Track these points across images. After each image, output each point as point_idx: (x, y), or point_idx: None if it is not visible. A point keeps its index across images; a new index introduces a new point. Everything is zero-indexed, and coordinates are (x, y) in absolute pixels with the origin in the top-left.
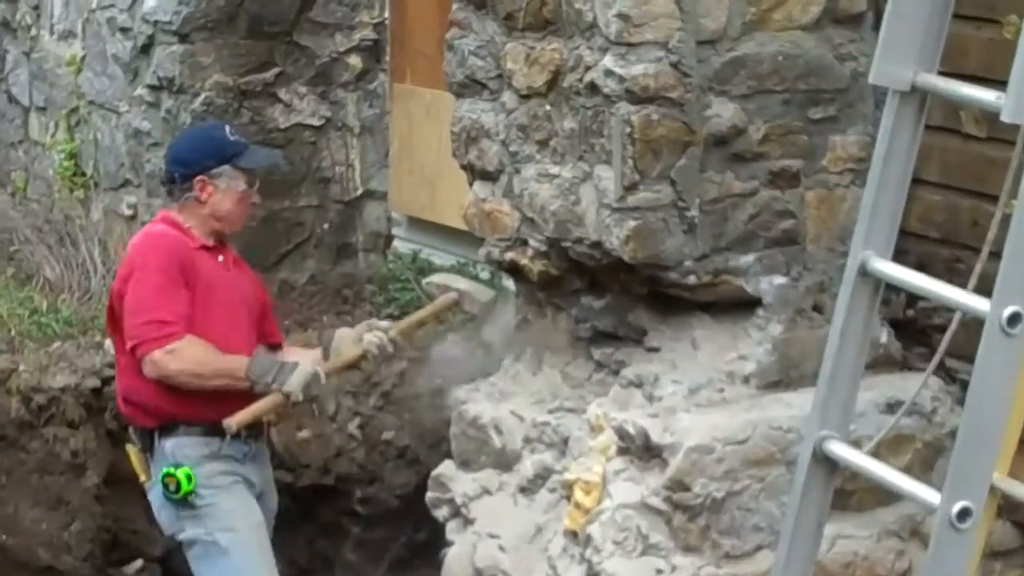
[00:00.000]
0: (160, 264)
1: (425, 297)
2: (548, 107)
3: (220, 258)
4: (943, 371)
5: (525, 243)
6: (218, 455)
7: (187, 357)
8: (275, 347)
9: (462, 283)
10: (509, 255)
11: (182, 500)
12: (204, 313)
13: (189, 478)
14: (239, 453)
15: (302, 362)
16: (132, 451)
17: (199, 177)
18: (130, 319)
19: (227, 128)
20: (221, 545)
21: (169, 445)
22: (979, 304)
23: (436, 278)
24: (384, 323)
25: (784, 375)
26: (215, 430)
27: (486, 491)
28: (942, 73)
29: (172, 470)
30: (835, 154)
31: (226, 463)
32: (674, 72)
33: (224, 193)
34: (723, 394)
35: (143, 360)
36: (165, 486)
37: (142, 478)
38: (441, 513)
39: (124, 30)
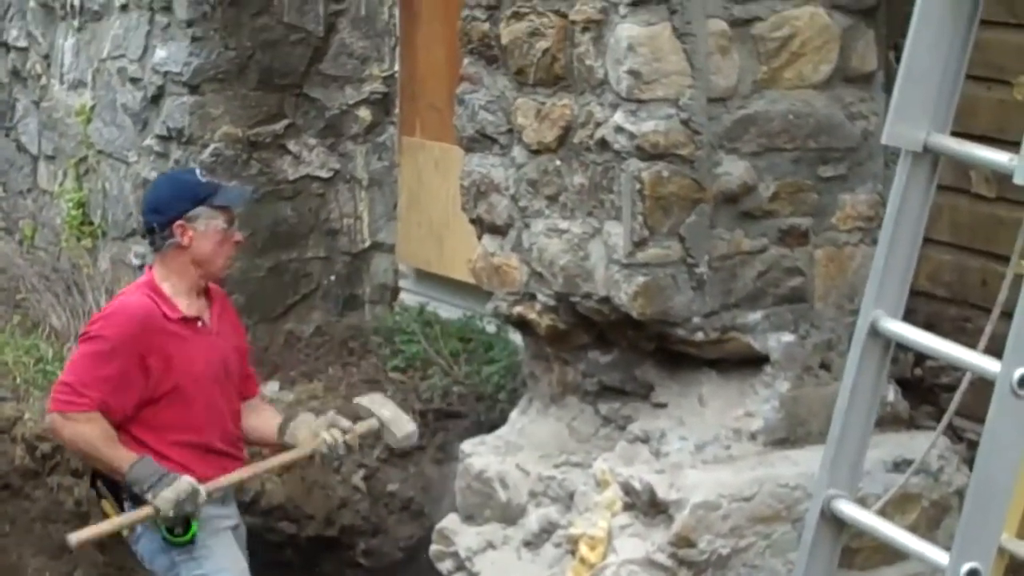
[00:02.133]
0: (113, 337)
1: (438, 343)
2: (558, 162)
3: (200, 323)
4: (950, 430)
5: (533, 297)
6: (209, 500)
7: (80, 432)
8: (248, 398)
9: (387, 412)
10: (517, 309)
11: (185, 544)
12: (181, 391)
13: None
14: (222, 500)
15: (184, 477)
16: (108, 506)
17: (177, 222)
18: (61, 374)
19: (197, 171)
20: None
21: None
22: (990, 365)
23: (365, 400)
24: (345, 423)
25: (791, 432)
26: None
27: (491, 545)
28: (954, 134)
29: None
30: (844, 212)
31: (217, 507)
32: (684, 129)
33: (204, 235)
34: (730, 451)
35: (47, 415)
36: (170, 531)
37: (124, 532)
38: (445, 566)
39: (134, 80)
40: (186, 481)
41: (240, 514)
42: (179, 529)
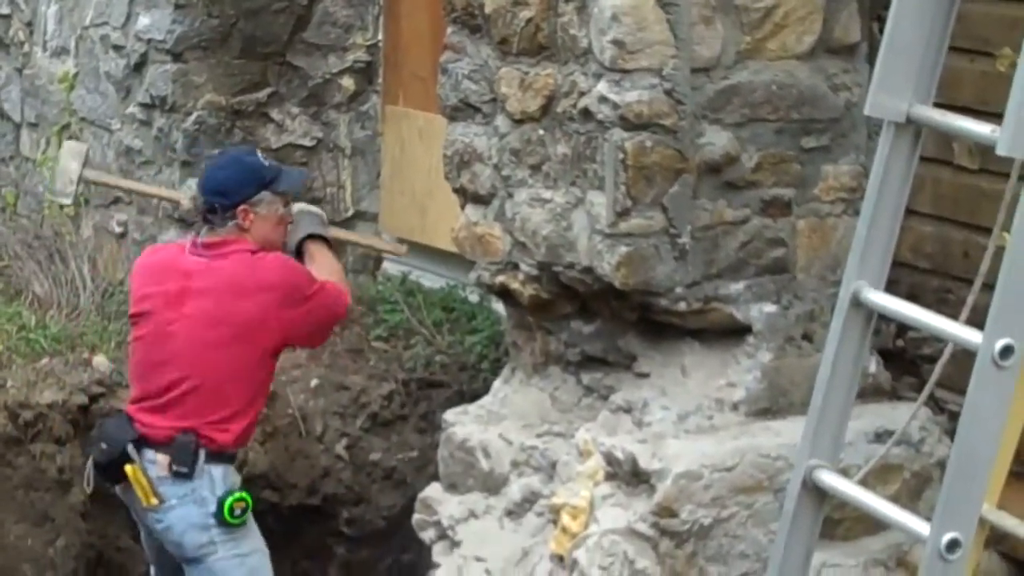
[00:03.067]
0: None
1: (421, 313)
2: (541, 132)
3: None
4: (931, 401)
5: (516, 267)
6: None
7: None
8: None
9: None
10: (500, 279)
11: (238, 523)
12: None
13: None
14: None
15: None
16: (139, 472)
17: (242, 206)
18: (330, 289)
19: (259, 153)
20: (252, 566)
21: (217, 472)
22: (971, 336)
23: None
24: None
25: (773, 403)
26: (234, 458)
27: (473, 514)
28: (937, 105)
29: (244, 494)
30: (827, 183)
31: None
32: (668, 99)
33: (264, 219)
34: (712, 421)
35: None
36: (230, 510)
37: (152, 501)
38: (427, 535)
39: (117, 48)
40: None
41: None
42: (238, 510)
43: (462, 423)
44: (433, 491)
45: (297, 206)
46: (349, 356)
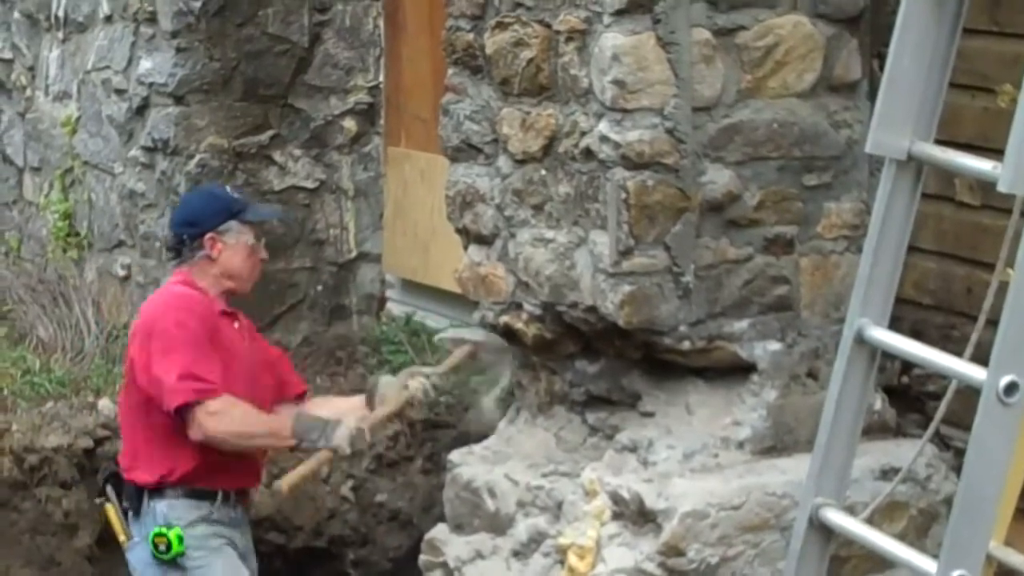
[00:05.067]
0: (188, 325)
1: (425, 355)
2: (543, 172)
3: (236, 325)
4: (937, 438)
5: (520, 307)
6: (208, 518)
7: (232, 418)
8: (301, 397)
9: (478, 335)
10: (503, 319)
11: (171, 561)
12: (228, 383)
13: (180, 539)
14: (227, 517)
15: (343, 419)
16: (110, 510)
17: (208, 235)
18: (165, 378)
19: (227, 187)
20: None
21: (161, 506)
22: (976, 373)
23: (450, 333)
24: (426, 369)
25: (778, 441)
26: (205, 494)
27: (479, 555)
28: (938, 142)
29: (164, 530)
30: (830, 221)
31: (215, 526)
32: (669, 138)
33: (234, 249)
34: (717, 459)
35: (189, 423)
36: (155, 546)
37: (121, 538)
38: None
39: (119, 91)
40: (348, 421)
41: (253, 548)
42: (162, 547)
43: (468, 464)
44: (439, 532)
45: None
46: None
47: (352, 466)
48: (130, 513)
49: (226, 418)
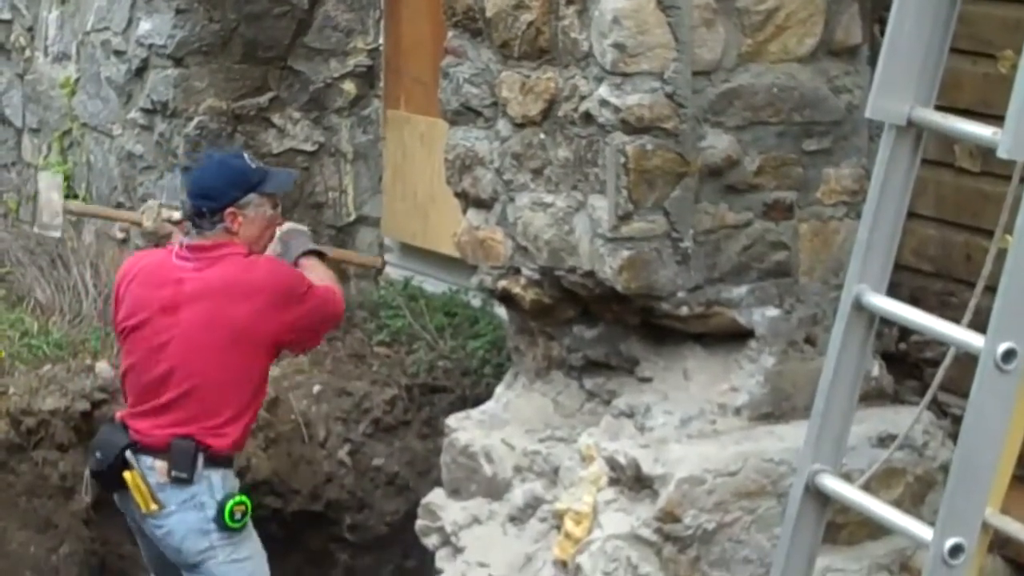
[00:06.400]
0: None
1: (423, 318)
2: (543, 136)
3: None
4: (935, 405)
5: (518, 272)
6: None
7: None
8: None
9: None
10: (502, 283)
11: (237, 528)
12: None
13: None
14: None
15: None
16: (137, 478)
17: (229, 209)
18: (314, 307)
19: (246, 156)
20: (249, 571)
21: (218, 476)
22: (974, 340)
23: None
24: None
25: (776, 407)
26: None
27: (476, 520)
28: (938, 107)
29: (244, 498)
30: (829, 186)
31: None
32: (669, 103)
33: (252, 221)
34: (715, 425)
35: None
36: (231, 514)
37: (151, 507)
38: (431, 541)
39: (118, 53)
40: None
41: None
42: (238, 514)
43: (465, 428)
44: (436, 497)
45: (284, 226)
46: (351, 361)
47: (349, 430)
48: (163, 482)
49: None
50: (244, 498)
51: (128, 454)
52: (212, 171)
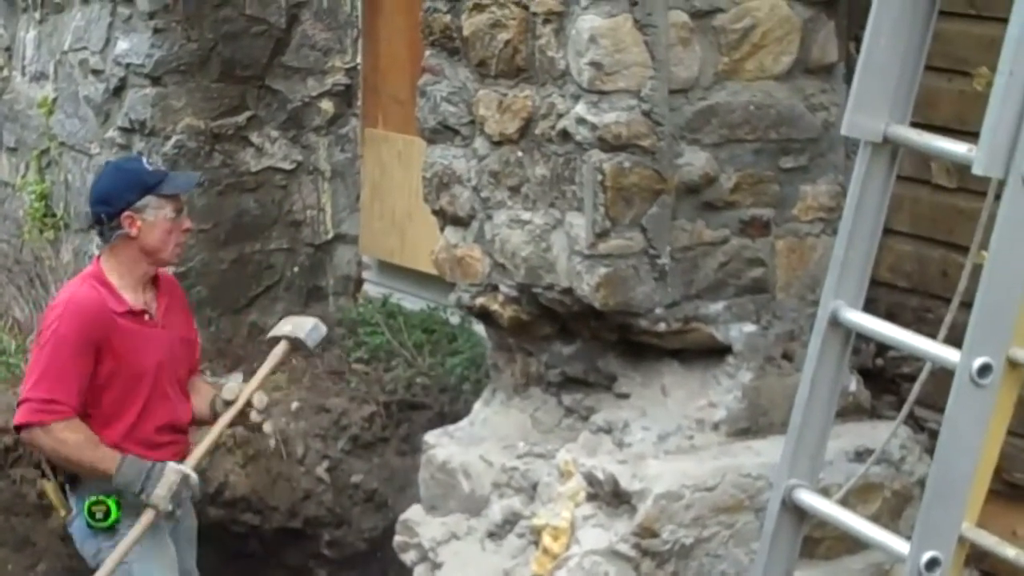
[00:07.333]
0: (70, 333)
1: (401, 335)
2: (520, 154)
3: (146, 316)
4: (912, 420)
5: (496, 289)
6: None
7: (63, 440)
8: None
9: (287, 326)
10: (479, 300)
11: (108, 528)
12: (125, 383)
13: (118, 505)
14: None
15: (169, 465)
16: (49, 486)
17: (125, 213)
18: (27, 380)
19: (143, 160)
20: (135, 573)
21: (96, 479)
22: (949, 355)
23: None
24: (234, 386)
25: (753, 423)
26: None
27: (454, 536)
28: (913, 124)
29: (102, 497)
30: (806, 203)
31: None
32: (646, 120)
33: (152, 225)
34: (692, 441)
35: (23, 428)
36: (92, 514)
37: (62, 512)
38: (409, 557)
39: (96, 72)
40: (171, 469)
41: (193, 508)
42: (100, 514)
43: (443, 445)
44: (414, 513)
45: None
46: (330, 378)
47: (328, 447)
48: (67, 486)
49: (57, 438)
50: (104, 498)
51: (43, 463)
52: (108, 176)
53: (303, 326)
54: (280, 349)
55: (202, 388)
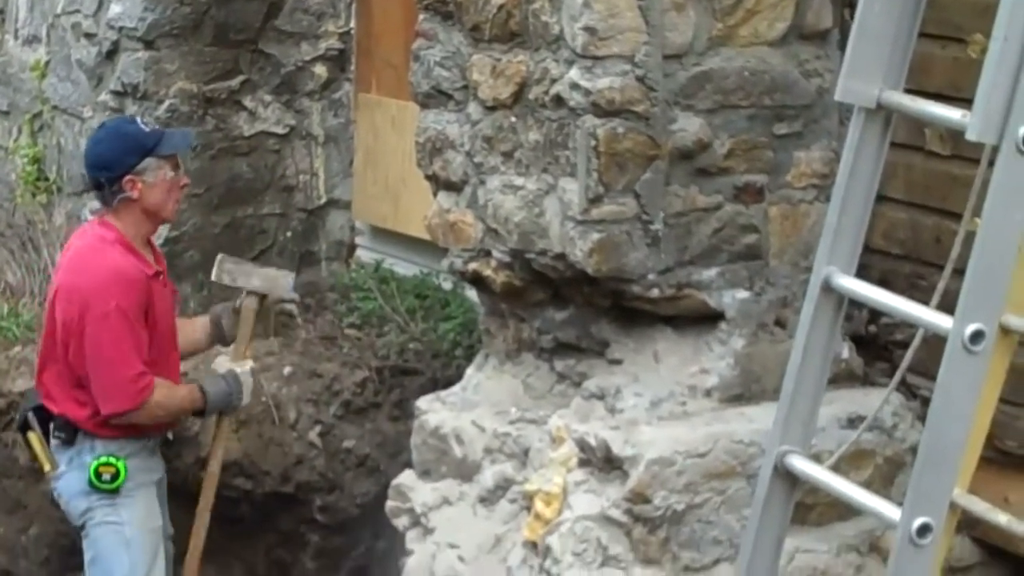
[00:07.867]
0: (131, 306)
1: (394, 301)
2: (513, 119)
3: (160, 277)
4: (904, 387)
5: (488, 254)
6: (146, 447)
7: (156, 407)
8: None
9: (254, 280)
10: (472, 266)
11: (112, 490)
12: (158, 343)
13: (126, 468)
14: (154, 443)
15: (235, 371)
16: (35, 439)
17: (127, 177)
18: (99, 369)
19: (138, 120)
20: (126, 536)
21: (98, 440)
22: (942, 321)
23: (225, 277)
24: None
25: (746, 389)
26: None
27: (446, 501)
28: (907, 91)
29: (112, 459)
30: (799, 170)
31: (147, 459)
32: (640, 86)
33: (153, 186)
34: (685, 407)
35: (113, 415)
36: (98, 475)
37: (46, 468)
38: (401, 522)
39: (89, 36)
40: (243, 373)
41: (164, 466)
42: (108, 476)
43: (435, 410)
44: (406, 478)
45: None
46: (322, 344)
47: (320, 412)
48: (54, 442)
49: (150, 410)
50: (114, 460)
51: (30, 415)
52: (106, 140)
53: (274, 280)
54: (251, 304)
55: (185, 323)
